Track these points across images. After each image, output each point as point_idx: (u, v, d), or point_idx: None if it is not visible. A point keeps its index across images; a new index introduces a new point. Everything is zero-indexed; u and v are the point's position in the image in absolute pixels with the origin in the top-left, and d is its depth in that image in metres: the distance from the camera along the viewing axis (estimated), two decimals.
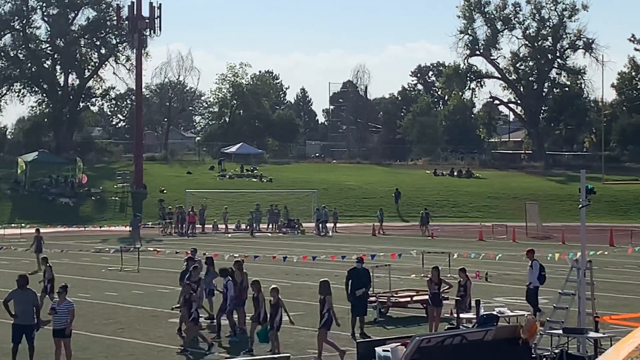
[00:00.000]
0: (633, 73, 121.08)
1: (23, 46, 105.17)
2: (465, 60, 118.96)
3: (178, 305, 26.87)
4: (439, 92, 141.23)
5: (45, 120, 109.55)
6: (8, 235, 64.35)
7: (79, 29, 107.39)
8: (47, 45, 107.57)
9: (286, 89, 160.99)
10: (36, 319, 21.43)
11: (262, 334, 23.05)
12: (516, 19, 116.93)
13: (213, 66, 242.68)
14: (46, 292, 28.28)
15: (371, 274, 27.26)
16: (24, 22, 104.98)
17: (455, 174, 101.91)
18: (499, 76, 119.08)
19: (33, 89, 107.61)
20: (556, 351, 20.56)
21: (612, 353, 9.59)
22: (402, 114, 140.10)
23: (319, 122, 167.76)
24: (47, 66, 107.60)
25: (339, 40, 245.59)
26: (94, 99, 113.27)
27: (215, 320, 27.28)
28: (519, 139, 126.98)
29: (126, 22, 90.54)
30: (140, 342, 25.12)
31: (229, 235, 67.94)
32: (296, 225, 71.31)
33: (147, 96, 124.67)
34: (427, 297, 27.10)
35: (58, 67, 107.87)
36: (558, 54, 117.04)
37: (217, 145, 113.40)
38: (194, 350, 24.00)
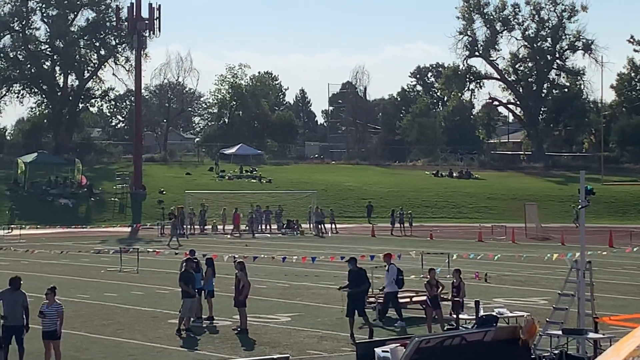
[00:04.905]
0: (632, 74, 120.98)
1: (22, 47, 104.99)
2: (465, 61, 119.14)
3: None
4: (438, 93, 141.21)
5: (45, 121, 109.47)
6: (7, 236, 64.65)
7: (79, 30, 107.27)
8: (47, 46, 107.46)
9: (285, 90, 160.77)
10: (25, 320, 21.37)
11: None
12: (515, 20, 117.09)
13: (212, 67, 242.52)
14: None
15: (368, 274, 27.18)
16: (23, 23, 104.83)
17: (455, 175, 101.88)
18: (498, 77, 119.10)
19: (32, 90, 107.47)
20: (556, 352, 20.55)
21: (611, 353, 9.54)
22: (401, 115, 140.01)
23: (318, 123, 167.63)
24: (46, 67, 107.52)
25: (337, 40, 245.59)
26: (93, 100, 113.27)
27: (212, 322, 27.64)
28: (518, 140, 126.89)
29: (125, 23, 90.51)
30: (140, 343, 25.08)
31: (228, 236, 67.88)
32: (295, 226, 71.24)
33: (146, 97, 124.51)
34: (425, 298, 27.08)
35: (57, 68, 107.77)
36: (557, 55, 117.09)
37: (216, 146, 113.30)
38: (198, 351, 24.01)
